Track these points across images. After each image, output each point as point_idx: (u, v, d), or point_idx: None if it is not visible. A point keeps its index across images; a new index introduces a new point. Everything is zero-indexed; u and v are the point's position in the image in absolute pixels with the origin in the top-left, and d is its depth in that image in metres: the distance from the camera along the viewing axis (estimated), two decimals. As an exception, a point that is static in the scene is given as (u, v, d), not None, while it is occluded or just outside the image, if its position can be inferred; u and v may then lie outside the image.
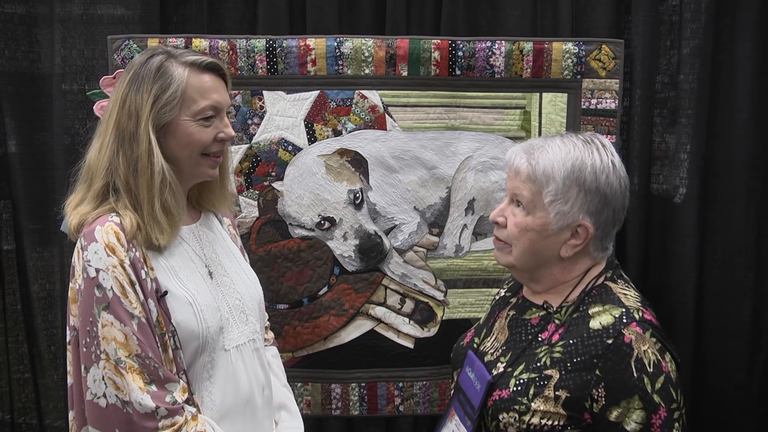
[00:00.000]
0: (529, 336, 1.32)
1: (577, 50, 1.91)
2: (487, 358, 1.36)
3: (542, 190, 1.26)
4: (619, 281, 1.32)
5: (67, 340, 1.24)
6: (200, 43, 1.86)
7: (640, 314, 1.23)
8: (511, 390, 1.25)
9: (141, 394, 1.16)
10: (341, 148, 1.93)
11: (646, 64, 1.97)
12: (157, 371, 1.19)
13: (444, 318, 2.00)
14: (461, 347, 1.48)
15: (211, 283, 1.33)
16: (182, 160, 1.28)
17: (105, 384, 1.17)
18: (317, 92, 1.90)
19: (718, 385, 1.99)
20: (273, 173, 1.93)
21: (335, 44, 1.88)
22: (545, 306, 1.33)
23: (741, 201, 1.93)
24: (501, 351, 1.35)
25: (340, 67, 1.89)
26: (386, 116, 1.93)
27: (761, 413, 1.96)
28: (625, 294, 1.28)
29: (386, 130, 1.93)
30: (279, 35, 1.91)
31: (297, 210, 1.94)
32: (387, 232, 1.97)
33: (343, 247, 1.95)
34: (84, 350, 1.19)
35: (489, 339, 1.41)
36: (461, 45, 1.90)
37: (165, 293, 1.24)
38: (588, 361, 1.20)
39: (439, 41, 1.90)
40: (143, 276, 1.21)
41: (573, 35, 1.99)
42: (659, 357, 1.18)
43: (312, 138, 1.92)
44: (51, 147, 2.01)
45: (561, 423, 1.21)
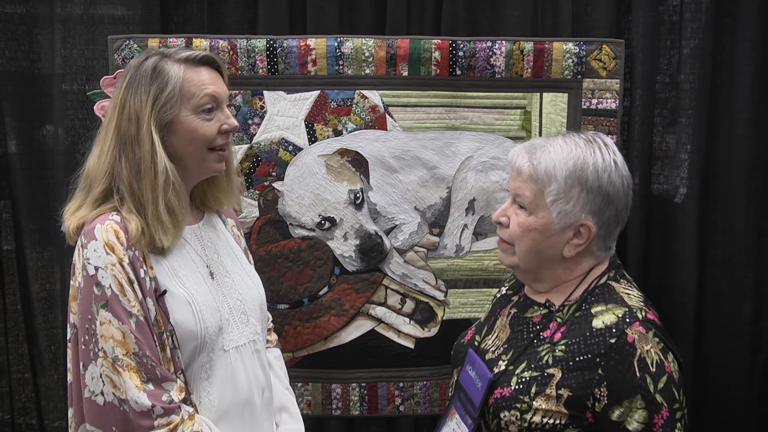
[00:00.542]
0: (531, 334, 1.31)
1: (578, 50, 1.91)
2: (488, 356, 1.36)
3: (544, 190, 1.26)
4: (622, 281, 1.32)
5: (68, 338, 1.24)
6: (201, 43, 1.86)
7: (643, 314, 1.22)
8: (513, 388, 1.25)
9: (137, 393, 1.16)
10: (342, 148, 1.93)
11: (647, 64, 1.97)
12: (155, 370, 1.18)
13: (444, 318, 2.00)
14: (462, 345, 1.47)
15: (212, 284, 1.32)
16: (188, 157, 1.27)
17: (103, 382, 1.17)
18: (318, 92, 1.90)
19: (719, 386, 1.99)
20: (273, 173, 1.93)
21: (336, 44, 1.88)
22: (547, 304, 1.33)
23: (741, 201, 1.93)
24: (502, 349, 1.35)
25: (341, 67, 1.89)
26: (387, 116, 1.93)
27: (761, 413, 1.96)
28: (628, 293, 1.28)
29: (387, 130, 1.93)
30: (279, 35, 1.91)
31: (297, 210, 1.93)
32: (387, 232, 1.97)
33: (344, 247, 1.95)
34: (83, 348, 1.19)
35: (490, 337, 1.41)
36: (462, 45, 1.90)
37: (164, 292, 1.23)
38: (590, 360, 1.20)
39: (440, 41, 1.90)
40: (142, 275, 1.21)
41: (573, 35, 1.99)
42: (662, 357, 1.18)
43: (312, 138, 1.92)
44: (51, 147, 2.02)
45: (563, 422, 1.20)
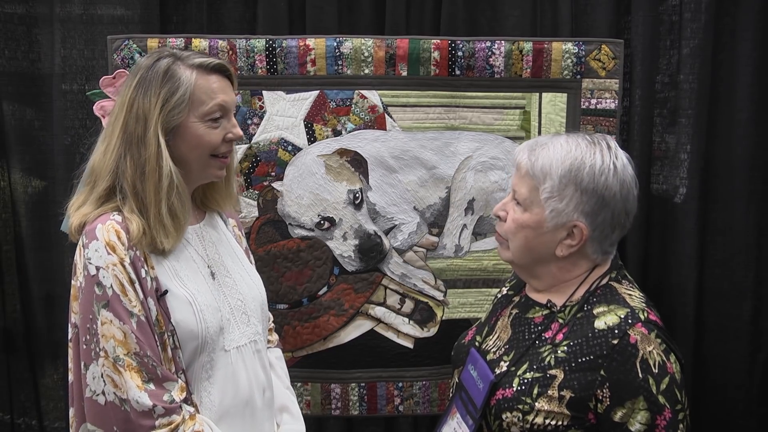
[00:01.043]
0: (533, 335, 1.31)
1: (577, 50, 1.91)
2: (490, 357, 1.35)
3: (539, 187, 1.27)
4: (624, 281, 1.32)
5: (69, 338, 1.24)
6: (200, 43, 1.86)
7: (646, 315, 1.22)
8: (515, 389, 1.25)
9: (138, 393, 1.16)
10: (341, 148, 1.93)
11: (646, 64, 1.97)
12: (156, 370, 1.18)
13: (444, 318, 2.00)
14: (463, 345, 1.47)
15: (213, 284, 1.32)
16: (191, 162, 1.28)
17: (104, 381, 1.17)
18: (317, 92, 1.90)
19: (719, 385, 1.99)
20: (273, 173, 1.93)
21: (335, 44, 1.88)
22: (549, 305, 1.33)
23: (741, 201, 1.93)
24: (504, 350, 1.34)
25: (340, 67, 1.89)
26: (386, 116, 1.93)
27: (761, 413, 1.96)
28: (630, 294, 1.28)
29: (386, 130, 1.93)
30: (279, 35, 1.90)
31: (297, 210, 1.93)
32: (387, 232, 1.97)
33: (343, 247, 1.95)
34: (84, 347, 1.19)
35: (491, 337, 1.41)
36: (461, 45, 1.90)
37: (165, 292, 1.23)
38: (593, 362, 1.19)
39: (439, 41, 1.90)
40: (143, 275, 1.21)
41: (573, 35, 1.99)
42: (664, 358, 1.18)
43: (312, 138, 1.92)
44: (51, 147, 2.01)
45: (565, 423, 1.20)
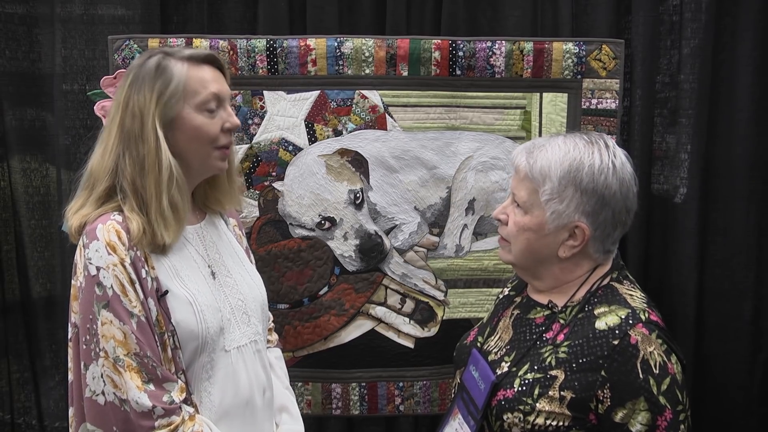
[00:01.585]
0: (534, 335, 1.31)
1: (578, 50, 1.91)
2: (491, 357, 1.35)
3: (539, 189, 1.26)
4: (625, 282, 1.32)
5: (69, 337, 1.24)
6: (201, 43, 1.86)
7: (647, 315, 1.22)
8: (516, 390, 1.25)
9: (138, 393, 1.16)
10: (341, 148, 1.93)
11: (647, 64, 1.97)
12: (156, 370, 1.18)
13: (444, 318, 2.00)
14: (465, 346, 1.47)
15: (213, 284, 1.32)
16: (191, 154, 1.27)
17: (104, 381, 1.17)
18: (317, 92, 1.90)
19: (719, 386, 1.99)
20: (273, 173, 1.93)
21: (336, 44, 1.88)
22: (550, 305, 1.33)
23: (742, 201, 1.93)
24: (505, 350, 1.34)
25: (341, 67, 1.89)
26: (386, 116, 1.93)
27: (762, 414, 1.96)
28: (631, 295, 1.28)
29: (386, 130, 1.93)
30: (279, 35, 1.90)
31: (297, 210, 1.93)
32: (387, 232, 1.97)
33: (344, 247, 1.95)
34: (84, 347, 1.19)
35: (493, 338, 1.41)
36: (461, 45, 1.90)
37: (165, 292, 1.23)
38: (593, 362, 1.19)
39: (440, 41, 1.90)
40: (144, 275, 1.21)
41: (573, 35, 1.99)
42: (665, 358, 1.18)
43: (312, 138, 1.92)
44: (51, 147, 2.01)
45: (566, 424, 1.20)
